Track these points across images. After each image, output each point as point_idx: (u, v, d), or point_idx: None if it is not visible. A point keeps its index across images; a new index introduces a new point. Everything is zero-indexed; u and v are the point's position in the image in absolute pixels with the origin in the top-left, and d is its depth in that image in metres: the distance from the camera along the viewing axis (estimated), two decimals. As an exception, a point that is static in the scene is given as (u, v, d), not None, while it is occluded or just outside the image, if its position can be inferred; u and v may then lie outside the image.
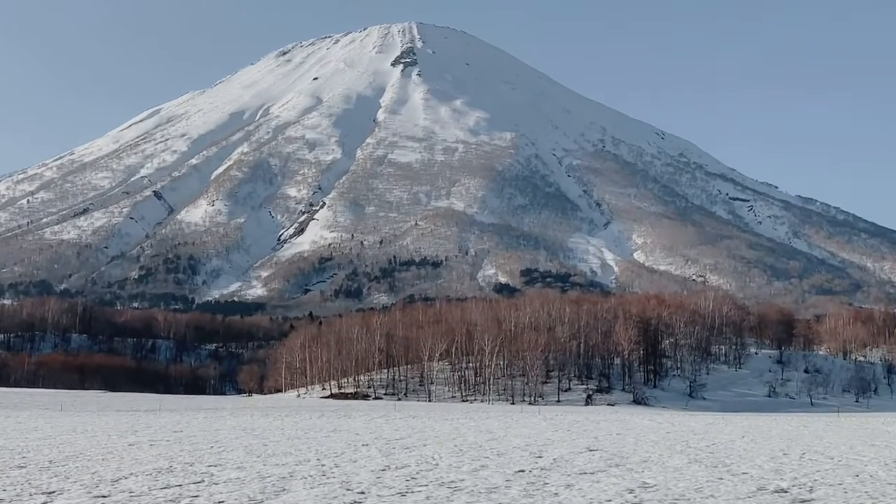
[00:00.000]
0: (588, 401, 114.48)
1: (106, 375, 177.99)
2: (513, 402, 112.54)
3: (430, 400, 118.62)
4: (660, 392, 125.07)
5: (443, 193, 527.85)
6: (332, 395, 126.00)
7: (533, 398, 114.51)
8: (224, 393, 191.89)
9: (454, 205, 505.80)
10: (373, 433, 42.73)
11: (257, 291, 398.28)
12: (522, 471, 25.22)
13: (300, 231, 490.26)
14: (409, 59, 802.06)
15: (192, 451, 31.89)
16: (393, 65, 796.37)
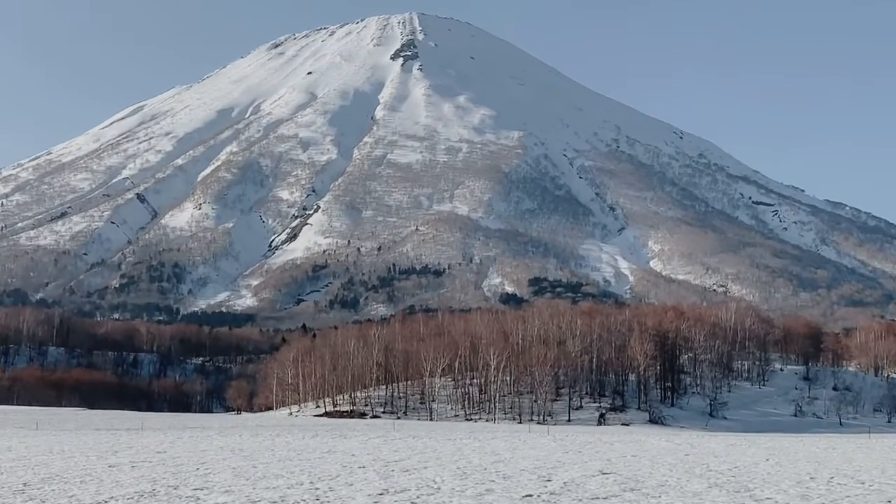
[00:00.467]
0: (601, 420, 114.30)
1: (84, 391, 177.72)
2: (520, 422, 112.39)
3: (431, 419, 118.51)
4: (678, 411, 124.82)
5: (445, 196, 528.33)
6: (327, 414, 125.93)
7: (542, 417, 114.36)
8: (211, 410, 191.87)
9: (458, 209, 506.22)
10: (370, 454, 42.73)
11: (247, 302, 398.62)
12: (530, 495, 25.22)
13: (293, 237, 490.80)
14: (409, 53, 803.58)
15: (177, 473, 31.91)
16: (392, 58, 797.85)
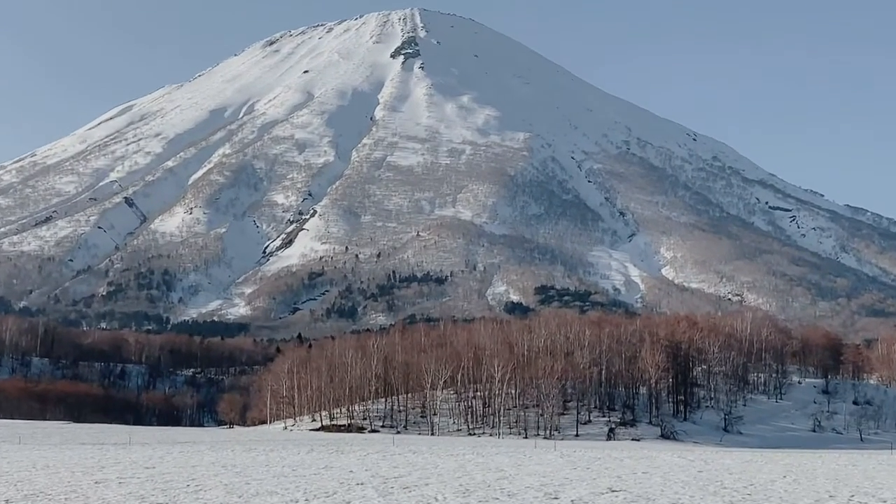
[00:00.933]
0: (610, 435, 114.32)
1: (70, 404, 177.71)
2: (525, 436, 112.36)
3: (432, 433, 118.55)
4: (691, 426, 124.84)
5: (448, 201, 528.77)
6: (323, 428, 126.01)
7: (548, 432, 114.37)
8: (202, 424, 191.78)
9: (460, 214, 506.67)
10: (368, 470, 42.73)
11: (240, 310, 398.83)
12: (536, 514, 25.20)
13: (288, 243, 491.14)
14: (410, 50, 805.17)
15: (166, 489, 31.94)
16: (393, 56, 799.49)
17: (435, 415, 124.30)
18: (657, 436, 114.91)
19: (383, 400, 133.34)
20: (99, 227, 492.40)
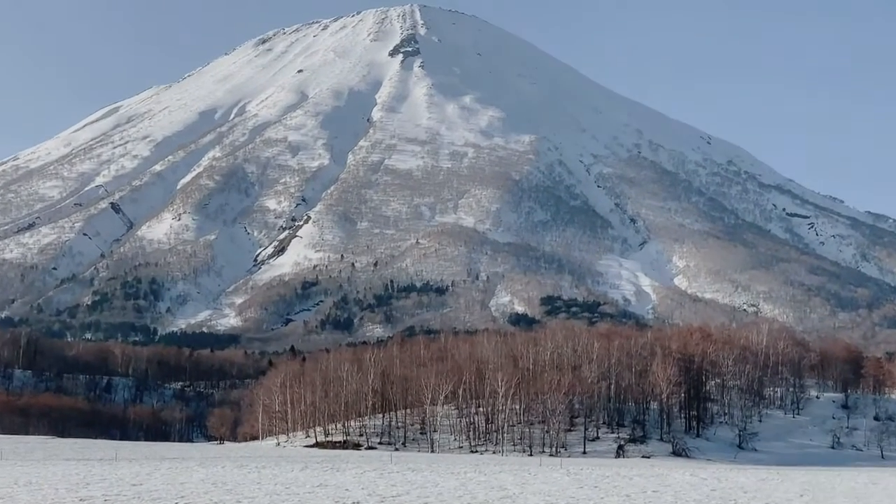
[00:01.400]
0: (619, 452, 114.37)
1: (54, 418, 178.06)
2: (530, 454, 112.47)
3: (432, 450, 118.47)
4: (704, 442, 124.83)
5: (449, 207, 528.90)
6: (318, 444, 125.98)
7: (554, 449, 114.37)
8: (191, 440, 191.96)
9: (462, 220, 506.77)
10: (365, 489, 42.81)
11: (230, 321, 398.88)
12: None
13: (280, 250, 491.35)
14: (409, 49, 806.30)
15: (155, 508, 32.01)
16: (391, 55, 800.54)
17: (435, 431, 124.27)
18: (668, 453, 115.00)
19: (381, 416, 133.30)
20: (84, 234, 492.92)
